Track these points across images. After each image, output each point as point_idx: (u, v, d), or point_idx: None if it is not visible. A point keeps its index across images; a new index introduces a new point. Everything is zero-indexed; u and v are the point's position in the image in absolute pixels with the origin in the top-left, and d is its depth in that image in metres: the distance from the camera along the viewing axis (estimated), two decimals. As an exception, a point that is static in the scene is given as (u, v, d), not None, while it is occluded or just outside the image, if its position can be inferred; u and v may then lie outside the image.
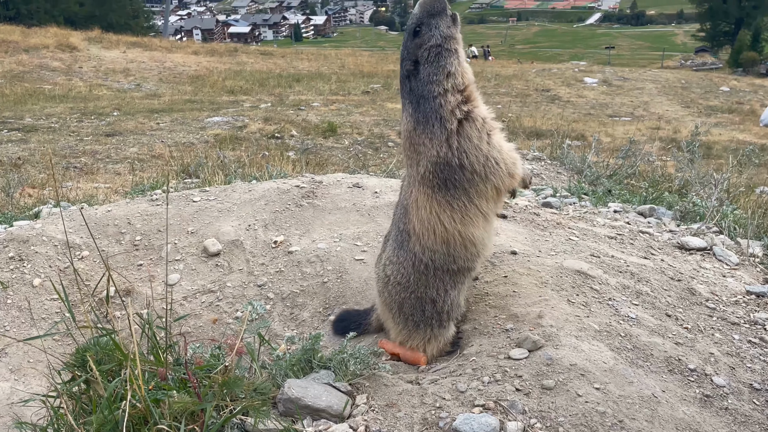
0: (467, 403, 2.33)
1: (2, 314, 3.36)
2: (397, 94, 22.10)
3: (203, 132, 14.24)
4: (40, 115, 15.64)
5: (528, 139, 13.29)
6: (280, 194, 4.27)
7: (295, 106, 18.92)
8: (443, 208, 2.65)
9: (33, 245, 3.74)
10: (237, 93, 22.03)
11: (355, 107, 19.11)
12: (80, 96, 19.74)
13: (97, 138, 13.18)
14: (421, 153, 2.64)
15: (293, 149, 12.63)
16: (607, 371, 2.40)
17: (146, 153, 12.01)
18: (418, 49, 2.64)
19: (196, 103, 18.84)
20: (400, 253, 2.83)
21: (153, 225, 4.00)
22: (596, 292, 3.01)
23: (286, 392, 2.37)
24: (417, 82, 2.64)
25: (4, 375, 3.11)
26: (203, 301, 3.53)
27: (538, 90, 25.22)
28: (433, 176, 2.63)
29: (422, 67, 2.63)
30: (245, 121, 15.65)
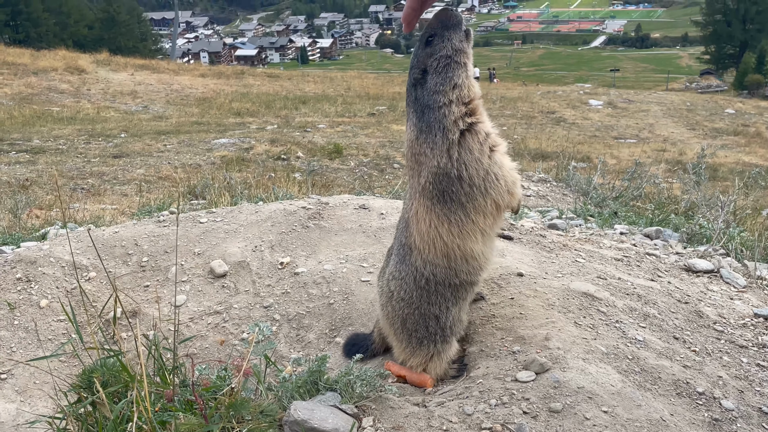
0: (474, 426, 2.32)
1: (9, 335, 3.36)
2: (402, 116, 22.21)
3: (210, 153, 14.33)
4: (48, 136, 15.76)
5: (533, 160, 13.33)
6: (287, 215, 4.29)
7: (301, 127, 19.03)
8: (441, 221, 2.63)
9: (40, 266, 3.75)
10: (243, 115, 22.18)
11: (360, 129, 19.21)
12: (88, 118, 19.90)
13: (104, 159, 13.27)
14: (422, 163, 2.63)
15: (299, 171, 12.69)
16: (614, 394, 2.38)
17: (153, 174, 12.08)
18: (428, 59, 2.63)
19: (203, 125, 18.97)
20: (402, 268, 2.80)
21: (160, 246, 4.02)
22: (603, 314, 3.00)
23: (292, 414, 2.36)
24: (423, 91, 2.63)
25: (10, 396, 3.11)
26: (209, 323, 3.53)
27: (543, 112, 25.32)
28: (432, 187, 2.61)
29: (430, 76, 2.62)
30: (252, 142, 15.75)
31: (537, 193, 7.23)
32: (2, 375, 3.19)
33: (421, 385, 2.81)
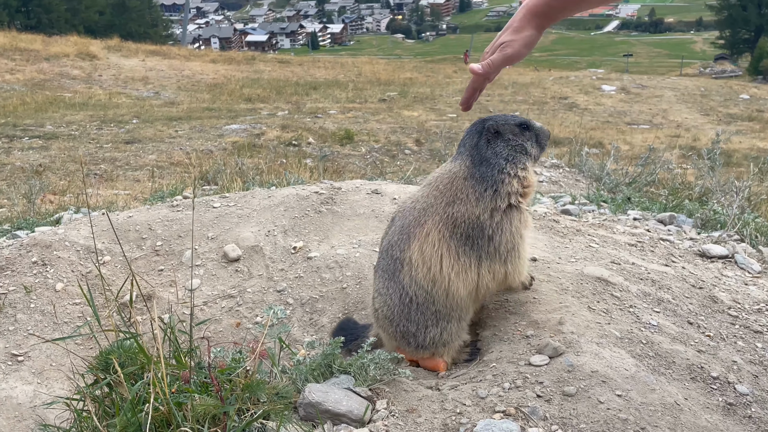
0: (488, 409, 2.33)
1: (26, 318, 3.40)
2: (414, 102, 22.17)
3: (221, 139, 14.35)
4: (61, 122, 15.82)
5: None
6: (299, 200, 4.29)
7: (312, 113, 19.02)
8: (450, 253, 2.68)
9: (55, 250, 3.78)
10: (254, 101, 22.17)
11: (371, 115, 19.17)
12: (100, 104, 19.96)
13: (116, 145, 13.32)
14: (460, 201, 2.70)
15: (310, 156, 12.69)
16: (628, 378, 2.38)
17: (165, 160, 12.12)
18: (510, 133, 2.77)
19: (214, 111, 18.98)
20: (390, 285, 2.81)
21: (173, 230, 4.04)
22: (617, 299, 2.99)
23: (306, 396, 2.38)
24: (488, 148, 2.74)
25: (27, 378, 3.15)
26: (223, 306, 3.55)
27: (556, 98, 25.17)
28: (459, 227, 2.68)
29: (501, 143, 2.74)
30: (263, 128, 15.75)
31: (549, 179, 7.20)
32: (19, 357, 3.23)
33: (434, 369, 2.82)
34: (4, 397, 3.01)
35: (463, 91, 2.79)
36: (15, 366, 3.18)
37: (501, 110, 20.66)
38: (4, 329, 3.33)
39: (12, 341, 3.28)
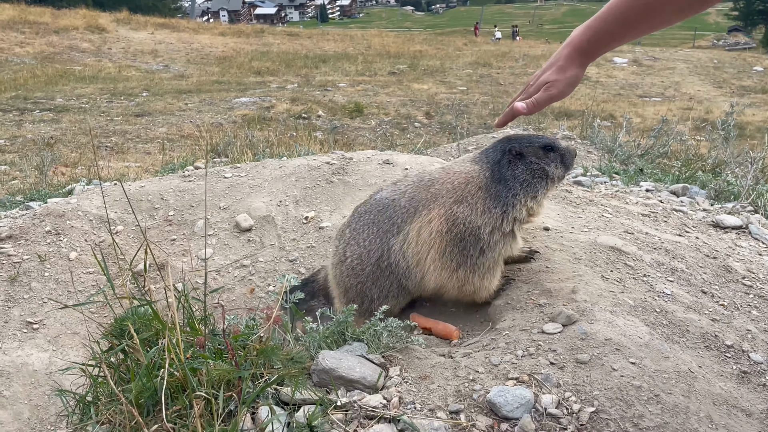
0: (501, 376, 2.33)
1: (40, 286, 3.42)
2: (424, 75, 22.03)
3: (231, 112, 14.33)
4: (71, 95, 15.82)
5: (557, 119, 13.17)
6: (311, 171, 4.28)
7: (321, 86, 18.93)
8: (439, 248, 2.79)
9: (69, 219, 3.79)
10: (264, 74, 22.08)
11: (381, 88, 19.07)
12: (110, 77, 19.92)
13: (126, 118, 13.32)
14: (467, 205, 2.78)
15: (320, 130, 12.66)
16: (642, 346, 2.38)
17: (175, 133, 12.12)
18: (534, 156, 2.81)
19: (224, 84, 18.93)
20: (374, 241, 2.88)
21: (185, 200, 4.04)
22: (630, 268, 2.98)
23: (320, 363, 2.39)
24: (509, 168, 2.80)
25: (43, 346, 3.18)
26: (236, 276, 3.56)
27: (567, 70, 24.86)
28: (457, 227, 2.77)
29: (522, 166, 2.80)
30: (272, 101, 15.71)
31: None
32: (35, 325, 3.26)
33: (447, 337, 2.83)
34: (20, 364, 3.05)
35: (473, 65, 2.80)
36: (30, 333, 3.21)
37: (511, 82, 20.51)
38: (19, 297, 3.35)
39: (27, 309, 3.31)
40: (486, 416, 2.16)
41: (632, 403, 2.14)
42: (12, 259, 3.51)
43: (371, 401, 2.24)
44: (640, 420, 2.08)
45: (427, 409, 2.20)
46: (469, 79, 21.00)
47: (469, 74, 21.88)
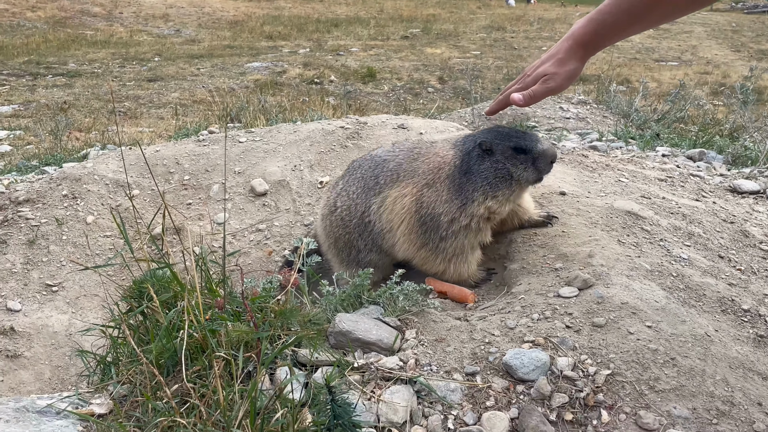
0: (516, 339, 2.34)
1: (58, 249, 3.45)
2: (437, 39, 21.78)
3: (243, 77, 14.26)
4: (83, 60, 15.79)
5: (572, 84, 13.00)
6: (325, 135, 4.27)
7: (333, 51, 18.78)
8: (409, 224, 2.85)
9: (85, 183, 3.81)
10: (275, 38, 21.91)
11: (394, 52, 18.89)
12: (121, 41, 19.84)
13: (139, 83, 13.30)
14: (434, 190, 2.82)
15: (333, 95, 12.58)
16: (659, 310, 2.38)
17: (188, 98, 12.09)
18: (502, 155, 2.78)
19: (236, 49, 18.82)
20: (360, 194, 2.97)
21: (201, 165, 4.05)
22: (647, 232, 2.97)
23: (337, 325, 2.41)
24: (476, 162, 2.80)
25: (62, 308, 3.22)
26: (251, 240, 3.58)
27: (582, 34, 24.49)
28: (422, 209, 2.83)
29: (488, 163, 2.78)
30: (284, 66, 15.61)
31: (576, 116, 7.08)
32: (54, 287, 3.30)
33: (462, 301, 2.84)
34: (41, 326, 3.09)
35: (487, 29, 2.78)
36: (50, 296, 3.25)
37: (526, 47, 20.25)
38: (38, 260, 3.39)
39: (46, 272, 3.35)
40: (502, 378, 2.18)
41: (648, 366, 2.14)
42: (30, 222, 3.54)
43: (388, 363, 2.26)
44: (656, 383, 2.09)
45: (443, 371, 2.22)
46: (482, 44, 20.74)
47: (483, 38, 21.61)
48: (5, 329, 3.00)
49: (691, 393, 2.07)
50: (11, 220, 3.54)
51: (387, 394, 2.11)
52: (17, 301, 3.16)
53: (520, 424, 2.03)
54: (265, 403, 1.89)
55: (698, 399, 2.06)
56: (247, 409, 1.84)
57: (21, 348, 2.98)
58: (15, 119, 10.19)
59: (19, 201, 3.69)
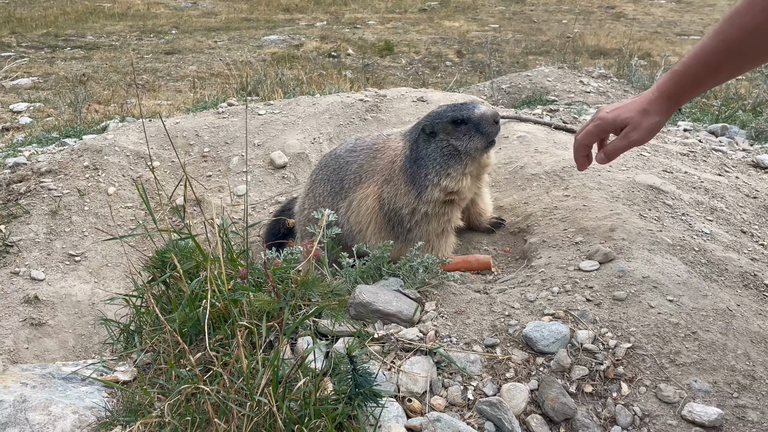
0: (536, 312, 2.34)
1: (80, 220, 3.49)
2: (455, 12, 21.54)
3: (260, 50, 14.21)
4: (101, 33, 15.80)
5: (591, 58, 12.86)
6: (344, 108, 4.26)
7: (350, 24, 18.64)
8: (377, 223, 2.87)
9: (106, 155, 3.84)
10: (292, 11, 21.76)
11: (411, 25, 18.71)
12: (139, 14, 19.80)
13: (157, 56, 13.29)
14: (392, 185, 2.83)
15: (350, 68, 12.52)
16: (680, 284, 2.37)
17: (205, 71, 12.08)
18: (445, 132, 2.74)
19: (252, 22, 18.73)
20: (326, 198, 3.00)
21: (220, 137, 4.06)
22: (669, 207, 2.95)
23: (357, 297, 2.42)
24: (422, 148, 2.78)
25: (85, 277, 3.26)
26: (271, 212, 3.59)
27: (603, 7, 24.17)
28: (385, 206, 2.84)
29: (434, 145, 2.76)
30: (301, 39, 15.53)
31: (597, 90, 7.00)
32: (76, 257, 3.33)
33: (485, 268, 2.84)
34: (64, 295, 3.14)
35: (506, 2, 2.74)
36: (73, 266, 3.29)
37: (545, 20, 19.99)
38: (61, 230, 3.43)
39: (69, 242, 3.39)
40: (522, 350, 2.18)
41: (669, 339, 2.14)
42: (52, 193, 3.58)
43: (408, 334, 2.27)
44: (677, 356, 2.09)
45: (463, 343, 2.23)
46: (501, 17, 20.50)
47: (502, 11, 21.36)
48: (30, 298, 3.04)
49: (712, 367, 2.07)
50: (34, 190, 3.58)
51: (407, 364, 2.13)
52: (41, 270, 3.20)
53: (540, 396, 2.04)
54: (287, 372, 1.91)
55: (719, 373, 2.06)
56: (270, 377, 1.86)
57: (45, 316, 3.03)
58: (34, 91, 10.24)
59: (41, 172, 3.73)
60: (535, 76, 7.18)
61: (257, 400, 1.81)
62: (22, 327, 2.93)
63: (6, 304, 2.99)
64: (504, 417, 1.96)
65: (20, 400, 2.03)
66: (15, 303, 3.00)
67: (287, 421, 1.82)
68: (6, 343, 2.83)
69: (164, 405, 1.88)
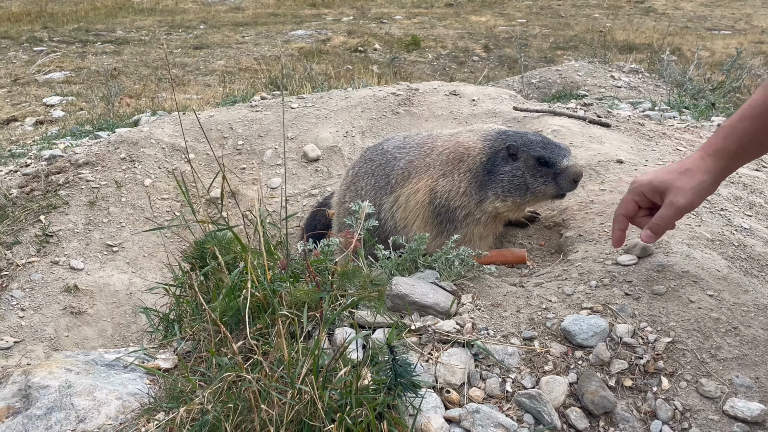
0: (574, 305, 2.33)
1: (118, 211, 3.54)
2: (482, 7, 21.45)
3: (287, 45, 14.28)
4: (131, 27, 15.98)
5: (621, 53, 12.73)
6: (377, 101, 4.27)
7: (377, 19, 18.65)
8: (424, 217, 2.88)
9: (142, 147, 3.89)
10: (319, 6, 21.81)
11: (438, 20, 18.67)
12: (167, 9, 19.98)
13: (185, 51, 13.41)
14: (451, 181, 2.82)
15: (377, 63, 12.53)
16: (720, 279, 2.35)
17: (233, 66, 12.16)
18: (525, 164, 2.75)
19: (280, 17, 18.81)
20: (369, 191, 2.99)
21: (254, 130, 4.09)
22: (707, 201, 2.92)
23: (394, 289, 2.43)
24: (499, 164, 2.78)
25: (123, 267, 3.31)
26: (304, 204, 3.62)
27: (632, 1, 23.92)
28: (437, 199, 2.84)
29: (510, 167, 2.76)
30: (328, 34, 15.57)
31: (628, 84, 6.94)
32: (114, 248, 3.39)
33: (520, 261, 2.84)
34: (102, 284, 3.19)
35: None
36: (110, 256, 3.35)
37: (573, 15, 19.83)
38: (99, 221, 3.48)
39: (107, 233, 3.44)
40: (560, 343, 2.18)
41: (710, 334, 2.12)
42: (90, 184, 3.63)
43: (445, 326, 2.28)
44: (718, 351, 2.08)
45: (500, 335, 2.23)
46: (528, 11, 20.38)
47: (529, 6, 21.22)
48: (69, 287, 3.10)
49: (753, 362, 2.05)
50: (72, 181, 3.64)
51: (445, 356, 2.14)
52: (80, 260, 3.25)
53: (579, 389, 2.04)
54: (327, 362, 1.92)
55: (761, 368, 2.04)
56: (310, 366, 1.88)
57: (84, 305, 3.08)
58: (67, 85, 10.39)
59: (79, 163, 3.79)
60: (565, 70, 7.13)
61: (298, 388, 1.83)
62: (62, 315, 2.98)
63: (47, 292, 3.05)
64: (543, 409, 1.96)
65: (65, 386, 2.07)
66: (55, 292, 3.06)
67: (328, 409, 1.84)
68: (47, 330, 2.88)
69: (207, 392, 1.90)
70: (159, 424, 1.89)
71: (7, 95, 9.90)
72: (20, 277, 3.13)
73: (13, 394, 2.09)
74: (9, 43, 13.96)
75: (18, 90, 10.16)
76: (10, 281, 3.10)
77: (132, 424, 1.92)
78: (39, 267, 3.17)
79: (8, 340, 2.77)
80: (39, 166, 3.93)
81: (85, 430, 1.94)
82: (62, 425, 1.95)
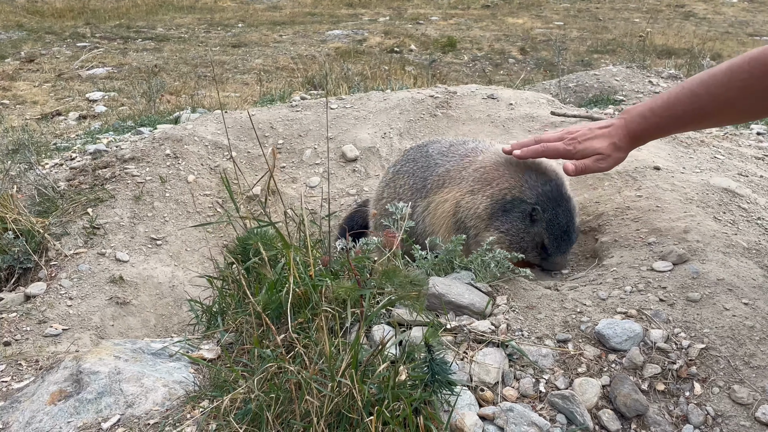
0: (608, 310, 2.37)
1: (162, 206, 3.65)
2: (519, 9, 21.37)
3: (324, 45, 14.40)
4: (171, 25, 16.24)
5: (659, 58, 12.61)
6: (414, 104, 4.33)
7: (413, 20, 18.69)
8: (449, 224, 2.93)
9: (186, 144, 3.99)
10: (356, 6, 21.93)
11: (474, 22, 18.66)
12: (206, 7, 20.26)
13: (224, 49, 13.60)
14: (473, 200, 2.87)
15: (413, 64, 12.58)
16: (756, 288, 2.36)
17: (271, 64, 12.31)
18: (531, 235, 2.82)
19: (316, 17, 18.96)
20: (407, 191, 3.06)
21: (294, 130, 4.17)
22: (744, 210, 2.93)
23: (430, 288, 2.48)
24: (517, 212, 2.81)
25: (166, 261, 3.42)
26: (342, 203, 3.69)
27: (672, 5, 23.62)
28: (459, 212, 2.90)
29: (523, 223, 2.81)
30: (365, 34, 15.66)
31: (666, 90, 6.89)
32: (158, 241, 3.49)
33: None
34: (147, 276, 3.29)
35: None
36: (154, 249, 3.45)
37: (611, 18, 19.67)
38: (144, 215, 3.59)
39: (151, 226, 3.55)
40: (594, 347, 2.22)
41: (744, 342, 2.15)
42: (136, 179, 3.75)
43: (480, 326, 2.33)
44: (752, 359, 2.10)
45: (534, 337, 2.27)
46: (566, 14, 20.26)
47: (567, 8, 21.10)
48: (115, 278, 3.21)
49: (787, 371, 2.07)
50: (118, 176, 3.75)
51: (479, 355, 2.19)
52: (125, 252, 3.36)
53: (612, 391, 2.08)
54: (366, 357, 1.99)
55: (795, 377, 2.05)
56: (350, 360, 1.94)
57: (129, 296, 3.18)
58: (109, 81, 10.62)
59: (125, 159, 3.91)
60: (602, 75, 7.11)
61: (338, 381, 1.90)
62: (108, 305, 3.09)
63: (93, 283, 3.16)
64: (576, 410, 2.00)
65: (115, 372, 2.17)
66: (102, 282, 3.17)
67: (366, 402, 1.90)
68: (94, 319, 2.99)
69: (250, 382, 1.98)
70: (204, 411, 1.98)
71: (51, 90, 10.16)
72: (68, 268, 3.25)
73: (65, 378, 2.19)
74: (53, 38, 14.30)
75: (62, 85, 10.42)
76: (59, 271, 3.22)
77: (178, 410, 2.01)
78: (86, 258, 3.29)
79: (57, 327, 2.88)
80: (85, 160, 4.06)
81: (133, 414, 2.02)
82: (112, 409, 2.05)
